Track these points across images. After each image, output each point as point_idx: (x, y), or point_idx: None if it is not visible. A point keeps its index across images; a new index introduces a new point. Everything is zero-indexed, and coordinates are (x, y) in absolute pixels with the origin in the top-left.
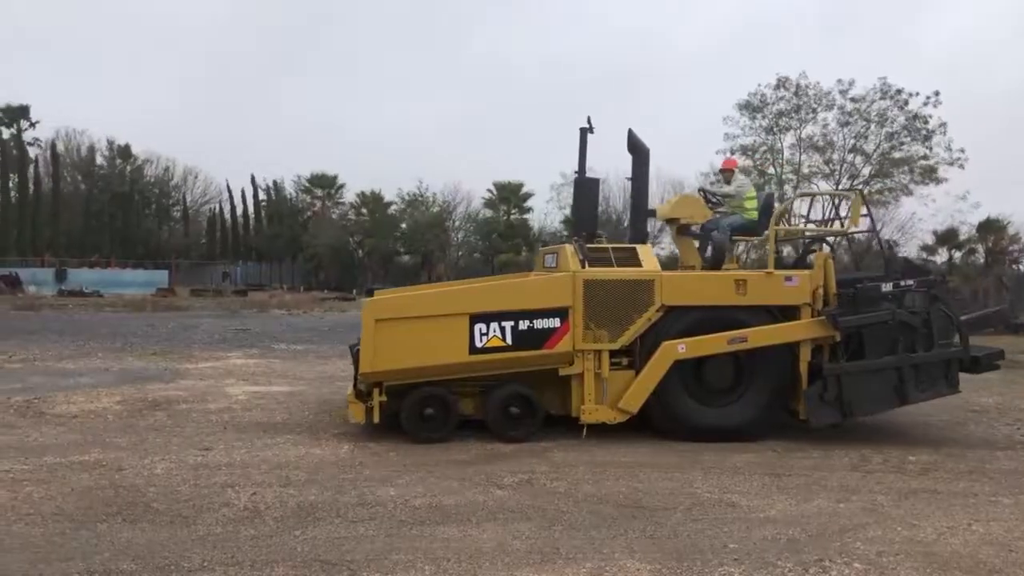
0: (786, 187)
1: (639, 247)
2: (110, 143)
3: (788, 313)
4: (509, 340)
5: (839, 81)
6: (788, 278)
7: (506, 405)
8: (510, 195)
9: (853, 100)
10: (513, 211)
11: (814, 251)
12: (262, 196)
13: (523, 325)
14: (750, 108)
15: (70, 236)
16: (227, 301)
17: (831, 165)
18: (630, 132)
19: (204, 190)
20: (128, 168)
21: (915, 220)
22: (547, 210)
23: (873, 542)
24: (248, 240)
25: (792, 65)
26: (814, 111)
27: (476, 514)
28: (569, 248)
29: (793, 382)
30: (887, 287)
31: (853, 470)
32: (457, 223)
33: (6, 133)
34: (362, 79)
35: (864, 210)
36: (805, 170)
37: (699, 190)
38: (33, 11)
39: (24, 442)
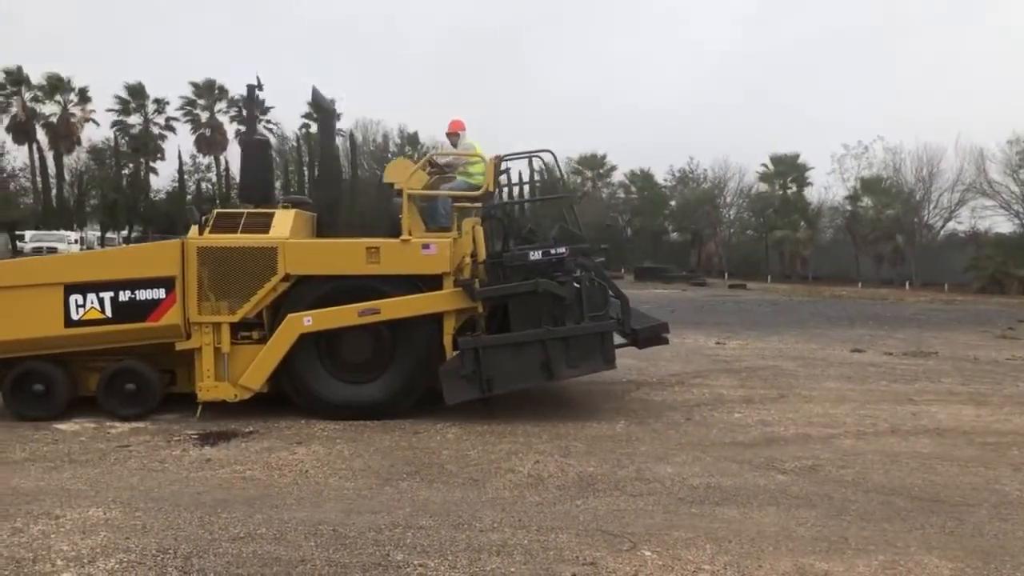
0: None
1: (279, 212)
2: (400, 131)
3: (436, 283)
4: (109, 312)
5: None
6: (426, 246)
7: (118, 381)
8: (787, 168)
9: None
10: (790, 185)
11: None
12: (536, 177)
13: (124, 296)
14: None
15: (364, 217)
16: None
17: None
18: (313, 89)
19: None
20: (415, 154)
21: None
22: (828, 183)
23: None
24: (523, 219)
25: None
26: None
27: (757, 497)
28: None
29: (440, 357)
30: (536, 255)
31: None
32: (729, 199)
33: (315, 127)
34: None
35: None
36: None
37: (428, 155)
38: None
39: None
